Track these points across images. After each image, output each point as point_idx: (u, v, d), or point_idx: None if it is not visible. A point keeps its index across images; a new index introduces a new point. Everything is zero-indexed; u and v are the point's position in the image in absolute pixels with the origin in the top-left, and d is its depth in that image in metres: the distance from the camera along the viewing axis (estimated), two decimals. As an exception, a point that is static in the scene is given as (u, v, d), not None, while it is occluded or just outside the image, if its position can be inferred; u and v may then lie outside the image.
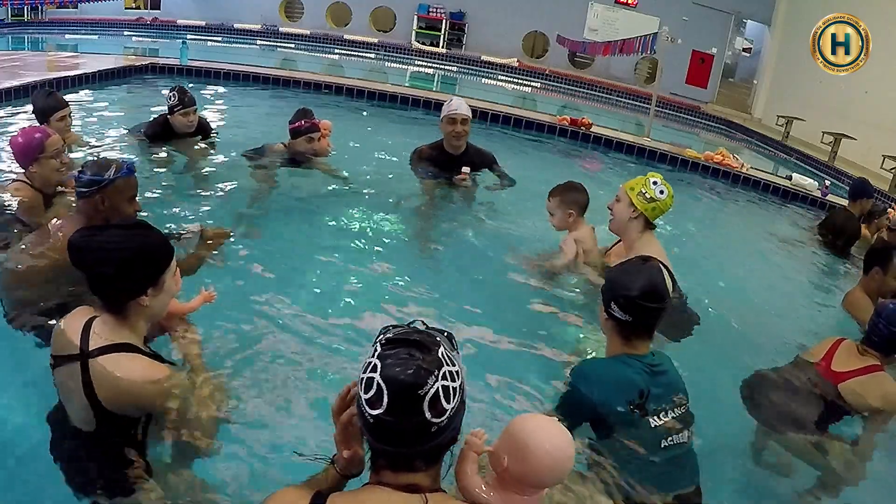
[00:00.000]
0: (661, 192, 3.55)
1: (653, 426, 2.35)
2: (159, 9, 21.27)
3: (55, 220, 3.22)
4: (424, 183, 5.21)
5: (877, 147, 10.56)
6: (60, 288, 2.91)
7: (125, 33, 19.13)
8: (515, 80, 16.20)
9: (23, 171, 3.78)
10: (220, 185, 5.06)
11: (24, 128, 3.86)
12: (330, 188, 5.23)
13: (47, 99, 4.58)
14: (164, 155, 5.34)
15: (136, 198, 3.10)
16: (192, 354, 2.58)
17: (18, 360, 2.75)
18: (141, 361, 2.16)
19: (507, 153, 4.96)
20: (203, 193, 4.92)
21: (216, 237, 3.50)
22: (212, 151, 5.64)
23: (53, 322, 2.37)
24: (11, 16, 19.85)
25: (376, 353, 1.56)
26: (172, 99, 5.33)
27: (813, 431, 3.11)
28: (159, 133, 5.43)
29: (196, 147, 5.54)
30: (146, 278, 2.19)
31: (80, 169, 3.05)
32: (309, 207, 4.92)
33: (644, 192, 3.55)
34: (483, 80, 15.90)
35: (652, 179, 3.59)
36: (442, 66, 17.15)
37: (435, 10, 18.47)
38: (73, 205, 3.25)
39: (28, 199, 3.65)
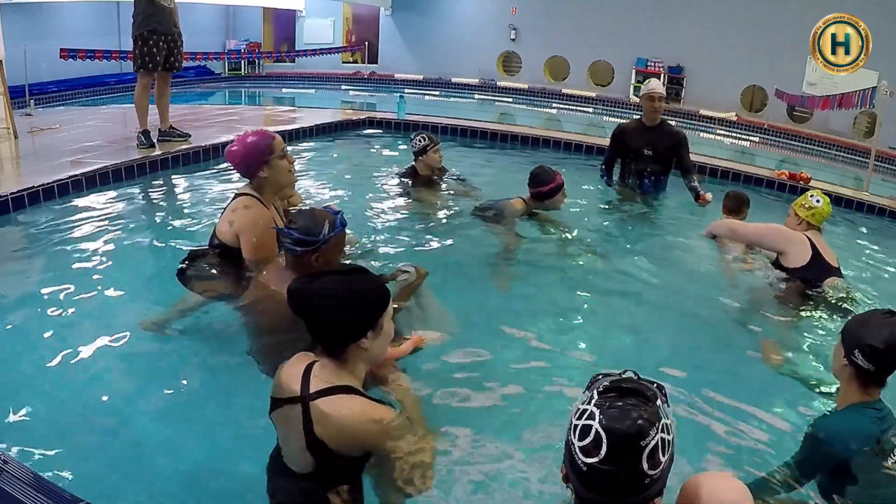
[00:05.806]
0: (818, 201, 4.56)
1: (889, 465, 2.41)
2: (377, 63, 22.21)
3: (264, 273, 3.13)
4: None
5: None
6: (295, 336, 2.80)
7: (342, 87, 20.12)
8: (734, 135, 16.07)
9: (248, 182, 3.47)
10: (446, 230, 5.21)
11: (242, 134, 3.48)
12: (559, 241, 5.29)
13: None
14: (403, 201, 5.60)
15: (345, 248, 3.00)
16: (407, 399, 2.61)
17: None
18: (361, 401, 2.18)
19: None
20: (420, 236, 5.05)
21: (420, 277, 3.41)
22: (452, 198, 5.77)
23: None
24: (228, 70, 21.00)
25: (593, 401, 1.54)
26: (423, 140, 5.62)
27: None
28: (413, 180, 5.75)
29: (439, 193, 5.81)
30: (365, 321, 2.21)
31: (288, 223, 2.92)
32: (543, 260, 4.98)
33: (804, 204, 4.58)
34: (701, 133, 15.67)
35: (810, 194, 4.65)
36: (660, 120, 17.18)
37: (653, 63, 18.74)
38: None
39: (263, 220, 3.29)
